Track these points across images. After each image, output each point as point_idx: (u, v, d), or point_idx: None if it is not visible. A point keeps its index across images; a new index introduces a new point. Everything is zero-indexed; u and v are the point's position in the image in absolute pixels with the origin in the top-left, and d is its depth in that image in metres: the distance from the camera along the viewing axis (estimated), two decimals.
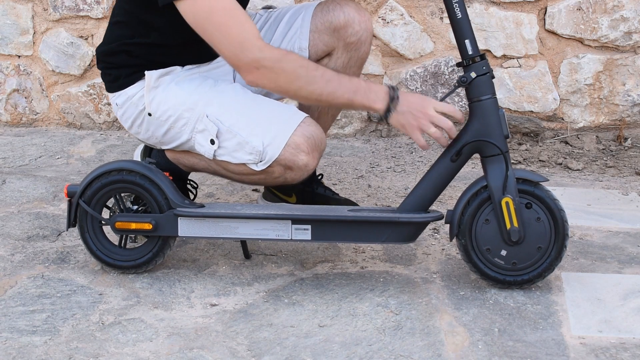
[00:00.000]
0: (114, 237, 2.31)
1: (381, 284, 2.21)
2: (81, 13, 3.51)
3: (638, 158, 3.22)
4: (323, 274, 2.28)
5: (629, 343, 1.93)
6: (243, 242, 2.34)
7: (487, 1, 3.32)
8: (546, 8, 3.30)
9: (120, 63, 2.28)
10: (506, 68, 3.36)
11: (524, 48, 3.33)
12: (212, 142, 2.21)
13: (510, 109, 3.38)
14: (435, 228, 2.56)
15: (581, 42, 3.32)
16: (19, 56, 3.59)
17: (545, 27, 3.32)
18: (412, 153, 3.31)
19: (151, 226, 2.19)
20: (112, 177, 2.21)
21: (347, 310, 2.09)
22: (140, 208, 2.23)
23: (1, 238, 2.51)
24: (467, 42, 2.09)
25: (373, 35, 2.48)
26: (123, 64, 2.28)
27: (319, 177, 2.64)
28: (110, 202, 2.28)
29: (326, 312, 2.08)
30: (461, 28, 2.09)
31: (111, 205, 2.27)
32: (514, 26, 3.32)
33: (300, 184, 2.48)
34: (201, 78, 2.29)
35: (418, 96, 2.14)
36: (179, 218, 2.18)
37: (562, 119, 3.39)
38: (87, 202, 2.22)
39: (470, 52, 2.09)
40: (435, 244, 2.46)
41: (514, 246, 2.11)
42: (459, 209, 2.11)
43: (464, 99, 3.35)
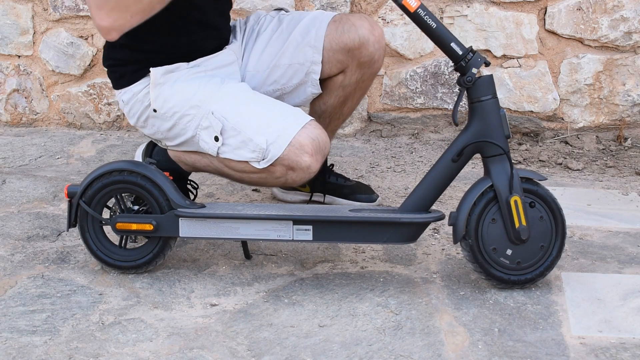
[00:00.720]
0: (115, 237, 2.31)
1: (381, 284, 2.21)
2: (81, 13, 3.51)
3: (638, 158, 3.22)
4: (323, 274, 2.28)
5: (629, 343, 1.93)
6: (244, 243, 2.34)
7: (487, 1, 3.32)
8: (546, 8, 3.30)
9: (125, 59, 2.30)
10: (506, 68, 3.36)
11: (524, 48, 3.33)
12: (216, 139, 2.22)
13: (510, 109, 3.38)
14: (435, 228, 2.56)
15: (581, 42, 3.32)
16: (19, 56, 3.59)
17: (545, 27, 3.32)
18: (412, 153, 3.31)
19: (152, 227, 2.19)
20: (113, 178, 2.20)
21: (347, 310, 2.08)
22: (141, 208, 2.23)
23: (1, 238, 2.51)
24: (454, 45, 2.09)
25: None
26: (128, 61, 2.30)
27: (330, 167, 2.71)
28: (110, 202, 2.28)
29: (326, 312, 2.08)
30: (441, 35, 2.09)
31: (112, 205, 2.27)
32: (514, 26, 3.31)
33: None
34: (208, 77, 2.31)
35: None
36: (180, 219, 2.18)
37: (562, 119, 3.39)
38: (88, 203, 2.22)
39: (460, 52, 2.09)
40: (435, 244, 2.46)
41: (519, 245, 2.11)
42: (466, 210, 2.10)
43: (464, 99, 3.35)
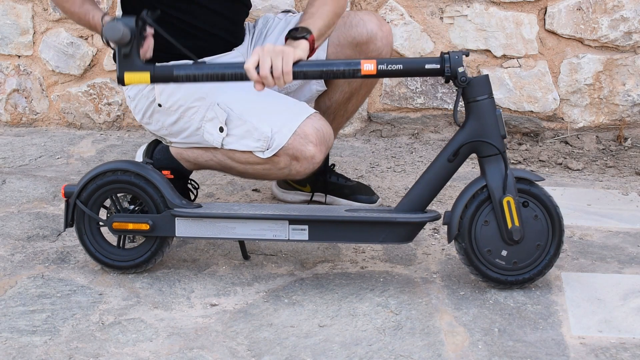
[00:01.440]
0: (112, 238, 2.31)
1: (381, 284, 2.21)
2: None
3: (638, 158, 3.22)
4: (323, 274, 2.28)
5: (629, 343, 1.93)
6: (241, 243, 2.34)
7: (487, 1, 3.32)
8: (546, 8, 3.30)
9: None
10: (506, 68, 3.36)
11: (524, 48, 3.33)
12: (221, 130, 2.24)
13: (510, 109, 3.38)
14: (435, 228, 2.56)
15: (581, 42, 3.32)
16: (19, 56, 3.59)
17: (545, 27, 3.32)
18: (412, 153, 3.31)
19: (148, 226, 2.19)
20: (107, 178, 2.21)
21: (347, 310, 2.08)
22: (136, 208, 2.23)
23: (1, 238, 2.51)
24: (428, 65, 2.05)
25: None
26: None
27: (332, 167, 2.70)
28: (108, 203, 2.28)
29: (326, 312, 2.08)
30: (412, 67, 2.06)
31: (108, 206, 2.27)
32: (514, 26, 3.31)
33: (312, 175, 2.50)
34: None
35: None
36: (177, 218, 2.18)
37: (562, 119, 3.39)
38: (85, 203, 2.22)
39: (438, 65, 2.05)
40: (435, 244, 2.46)
41: (514, 246, 2.11)
42: (458, 212, 2.10)
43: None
